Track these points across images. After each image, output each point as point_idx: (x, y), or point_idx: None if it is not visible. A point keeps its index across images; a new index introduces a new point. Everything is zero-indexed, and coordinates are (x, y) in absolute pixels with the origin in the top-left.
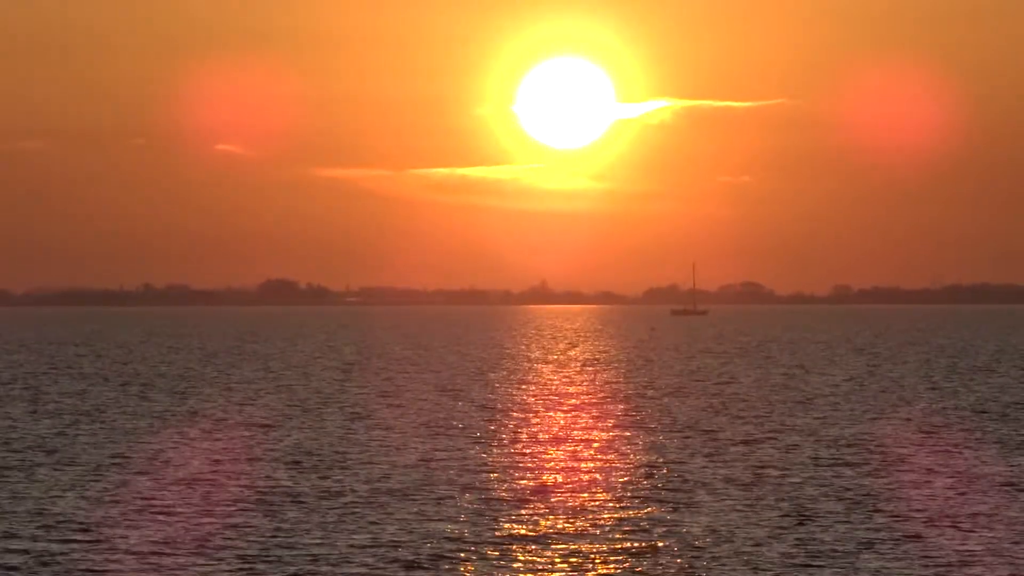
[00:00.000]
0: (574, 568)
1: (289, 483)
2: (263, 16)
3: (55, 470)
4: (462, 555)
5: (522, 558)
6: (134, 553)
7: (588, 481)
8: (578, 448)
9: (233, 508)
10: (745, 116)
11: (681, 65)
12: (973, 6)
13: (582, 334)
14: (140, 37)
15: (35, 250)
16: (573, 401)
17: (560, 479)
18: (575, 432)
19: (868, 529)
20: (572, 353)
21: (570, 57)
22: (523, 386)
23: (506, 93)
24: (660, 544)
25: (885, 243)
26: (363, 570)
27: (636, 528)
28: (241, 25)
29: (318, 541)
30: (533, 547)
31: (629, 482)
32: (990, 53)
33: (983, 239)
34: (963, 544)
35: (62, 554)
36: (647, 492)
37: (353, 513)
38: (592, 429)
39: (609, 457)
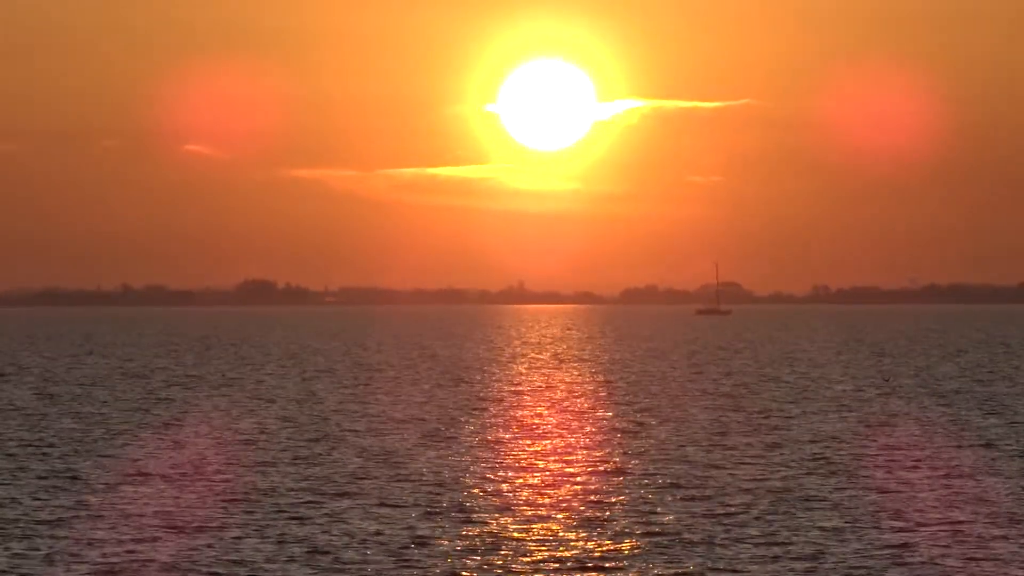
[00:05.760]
0: (563, 568)
1: (285, 483)
2: (231, 17)
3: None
4: (447, 556)
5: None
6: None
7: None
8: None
9: (213, 509)
10: (712, 116)
11: (648, 65)
12: (942, 6)
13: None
14: (109, 39)
15: (11, 251)
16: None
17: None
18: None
19: (866, 529)
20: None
21: (548, 58)
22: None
23: (482, 94)
24: (662, 541)
25: (863, 243)
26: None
27: (624, 530)
28: (209, 27)
29: (305, 539)
30: (535, 547)
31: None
32: (965, 53)
33: (961, 239)
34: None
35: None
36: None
37: (355, 513)
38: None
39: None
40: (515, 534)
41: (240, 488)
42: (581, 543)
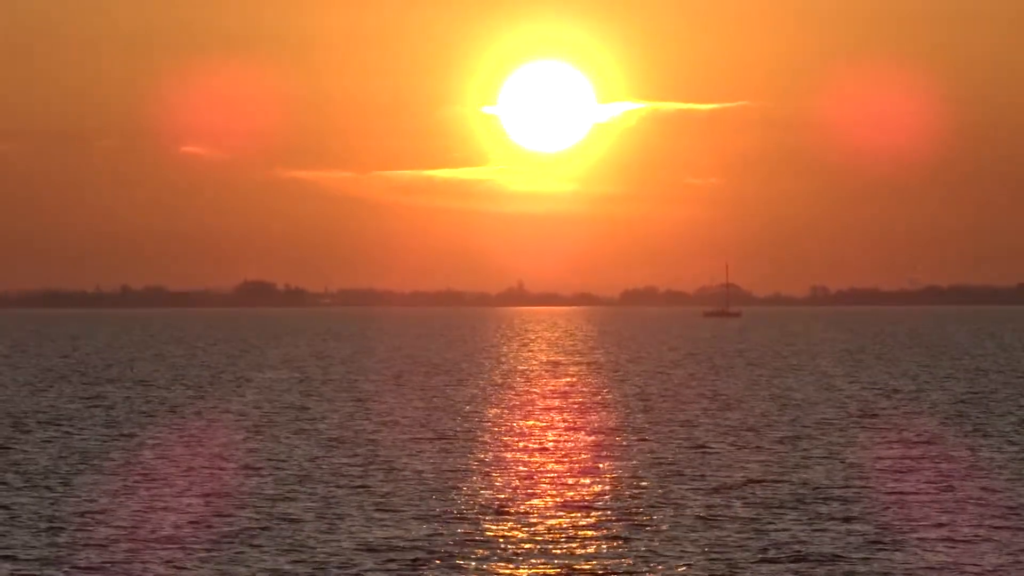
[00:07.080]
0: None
1: (280, 483)
2: (228, 18)
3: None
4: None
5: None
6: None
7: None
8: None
9: (215, 509)
10: (710, 118)
11: (647, 67)
12: (942, 6)
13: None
14: (107, 40)
15: (9, 251)
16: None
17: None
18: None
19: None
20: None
21: (547, 60)
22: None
23: (481, 95)
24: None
25: (862, 244)
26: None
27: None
28: (206, 27)
29: (303, 542)
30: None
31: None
32: (965, 53)
33: (961, 239)
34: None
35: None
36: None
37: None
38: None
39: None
40: (521, 537)
41: (242, 491)
42: (589, 545)
